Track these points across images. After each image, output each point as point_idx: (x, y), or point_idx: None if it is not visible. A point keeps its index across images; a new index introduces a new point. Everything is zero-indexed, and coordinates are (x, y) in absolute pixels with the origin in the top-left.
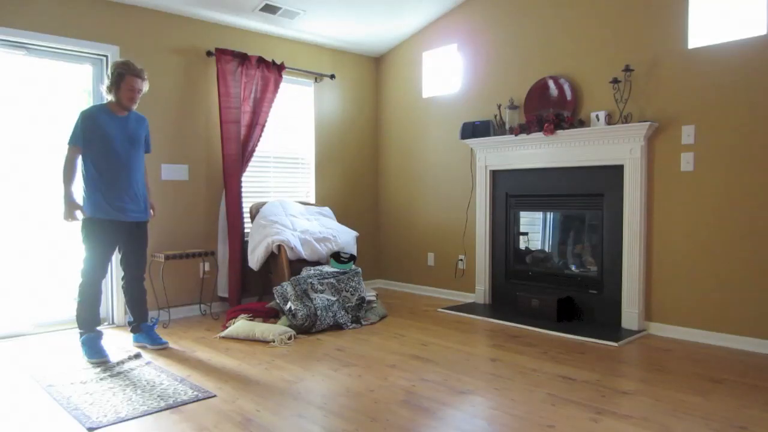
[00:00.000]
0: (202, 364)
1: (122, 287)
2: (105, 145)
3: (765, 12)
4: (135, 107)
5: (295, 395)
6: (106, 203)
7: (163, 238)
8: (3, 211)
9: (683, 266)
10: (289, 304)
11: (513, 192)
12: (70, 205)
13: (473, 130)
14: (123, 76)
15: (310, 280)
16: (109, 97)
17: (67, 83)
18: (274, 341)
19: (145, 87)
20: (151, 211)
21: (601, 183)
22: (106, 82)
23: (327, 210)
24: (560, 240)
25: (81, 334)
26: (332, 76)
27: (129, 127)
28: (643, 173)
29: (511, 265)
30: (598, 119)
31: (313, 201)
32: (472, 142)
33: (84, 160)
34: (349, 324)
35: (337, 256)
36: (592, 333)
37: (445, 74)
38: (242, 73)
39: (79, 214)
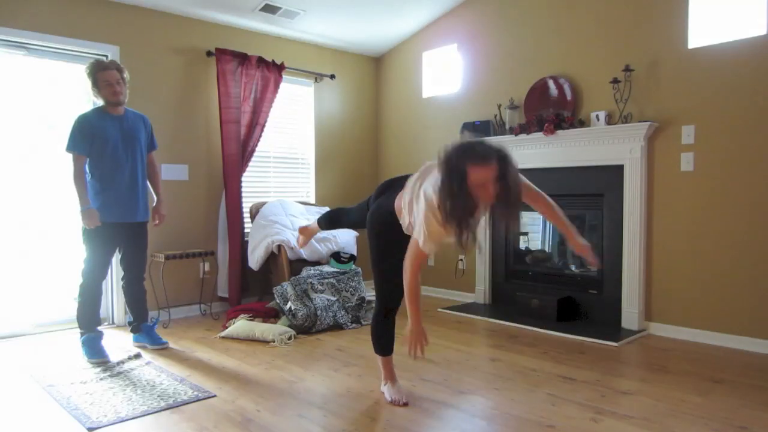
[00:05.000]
0: (202, 364)
1: (122, 287)
2: (102, 147)
3: (765, 12)
4: (124, 98)
5: (295, 395)
6: (107, 205)
7: (163, 238)
8: (3, 212)
9: (683, 266)
10: (289, 304)
11: None
12: (89, 213)
13: (473, 130)
14: (95, 76)
15: (310, 280)
16: (100, 102)
17: (67, 83)
18: (274, 341)
19: (125, 74)
20: (157, 219)
21: (601, 183)
22: (90, 91)
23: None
24: (560, 240)
25: (81, 334)
26: (332, 76)
27: (126, 125)
28: (643, 173)
29: (511, 265)
30: (598, 119)
31: (313, 201)
32: None
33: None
34: (349, 324)
35: (337, 256)
36: (592, 333)
37: (445, 74)
38: (242, 73)
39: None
